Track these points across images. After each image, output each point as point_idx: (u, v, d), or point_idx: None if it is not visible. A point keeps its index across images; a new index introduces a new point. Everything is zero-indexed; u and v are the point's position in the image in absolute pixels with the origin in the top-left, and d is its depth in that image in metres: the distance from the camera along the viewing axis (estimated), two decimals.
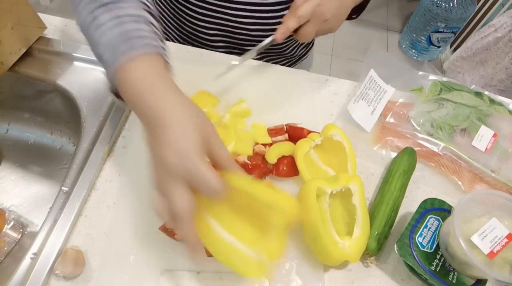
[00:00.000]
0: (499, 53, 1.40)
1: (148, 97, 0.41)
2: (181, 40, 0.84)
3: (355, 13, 0.72)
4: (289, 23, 0.59)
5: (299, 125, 0.64)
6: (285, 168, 0.59)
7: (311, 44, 0.94)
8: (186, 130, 0.39)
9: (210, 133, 0.41)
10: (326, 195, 0.53)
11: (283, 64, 0.86)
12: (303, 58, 0.93)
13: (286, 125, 0.64)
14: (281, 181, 0.60)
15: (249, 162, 0.59)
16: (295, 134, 0.63)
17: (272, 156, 0.59)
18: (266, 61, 0.77)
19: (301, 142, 0.59)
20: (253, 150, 0.61)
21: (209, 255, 0.51)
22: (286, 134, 0.63)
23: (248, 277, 0.50)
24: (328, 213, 0.52)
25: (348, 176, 0.55)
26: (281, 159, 0.60)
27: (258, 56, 0.83)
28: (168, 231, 0.51)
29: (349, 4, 0.64)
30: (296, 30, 0.62)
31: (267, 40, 0.63)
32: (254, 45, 0.70)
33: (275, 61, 0.85)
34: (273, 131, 0.63)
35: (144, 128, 0.42)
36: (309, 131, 0.63)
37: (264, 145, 0.62)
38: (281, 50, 0.83)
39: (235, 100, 0.68)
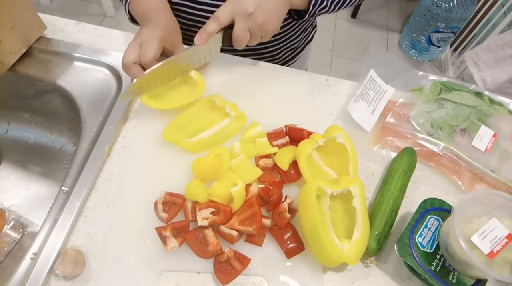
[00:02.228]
0: None
1: (148, 8, 0.65)
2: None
3: (301, 15, 0.70)
4: (208, 25, 0.59)
5: (298, 126, 0.64)
6: (292, 172, 0.59)
7: (300, 48, 0.92)
8: (162, 25, 0.63)
9: (173, 37, 0.65)
10: (327, 196, 0.53)
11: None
12: (290, 61, 0.92)
13: (285, 126, 0.64)
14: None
15: (263, 185, 0.56)
16: (295, 135, 0.62)
17: (284, 163, 0.58)
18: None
19: (303, 143, 0.59)
20: (259, 165, 0.59)
21: (209, 256, 0.51)
22: (287, 137, 0.63)
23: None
24: (328, 215, 0.52)
25: (349, 178, 0.55)
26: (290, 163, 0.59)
27: (240, 53, 0.82)
28: (162, 236, 0.51)
29: (276, 1, 0.60)
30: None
31: (189, 48, 0.62)
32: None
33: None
34: (273, 135, 0.63)
35: (141, 24, 0.66)
36: (309, 132, 0.63)
37: (267, 156, 0.61)
38: (263, 51, 0.82)
39: (232, 101, 0.68)
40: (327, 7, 0.68)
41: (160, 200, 0.54)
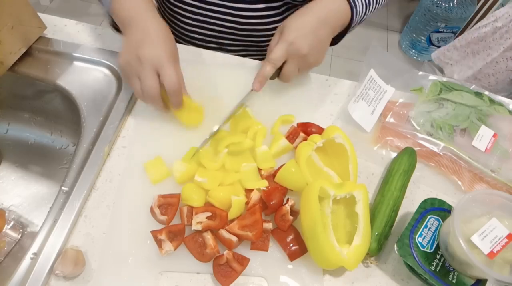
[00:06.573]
0: (492, 45, 1.36)
1: (135, 10, 0.56)
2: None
3: (335, 41, 0.71)
4: (265, 69, 0.60)
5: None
6: None
7: None
8: (165, 39, 0.55)
9: (175, 50, 0.57)
10: (330, 199, 0.53)
11: None
12: None
13: (297, 124, 0.64)
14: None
15: (265, 188, 0.56)
16: (306, 131, 0.63)
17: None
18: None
19: (303, 145, 0.59)
20: (262, 176, 0.59)
21: (207, 260, 0.51)
22: (302, 134, 0.63)
23: None
24: (330, 218, 0.52)
25: (353, 183, 0.55)
26: None
27: (243, 53, 0.82)
28: (157, 239, 0.51)
29: (325, 36, 0.62)
30: (280, 72, 0.63)
31: (247, 95, 0.63)
32: (239, 45, 0.67)
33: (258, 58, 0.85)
34: (290, 136, 0.63)
35: (126, 32, 0.56)
36: (319, 127, 0.63)
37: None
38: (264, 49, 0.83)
39: (231, 101, 0.67)
40: (357, 24, 0.70)
41: (155, 204, 0.53)
